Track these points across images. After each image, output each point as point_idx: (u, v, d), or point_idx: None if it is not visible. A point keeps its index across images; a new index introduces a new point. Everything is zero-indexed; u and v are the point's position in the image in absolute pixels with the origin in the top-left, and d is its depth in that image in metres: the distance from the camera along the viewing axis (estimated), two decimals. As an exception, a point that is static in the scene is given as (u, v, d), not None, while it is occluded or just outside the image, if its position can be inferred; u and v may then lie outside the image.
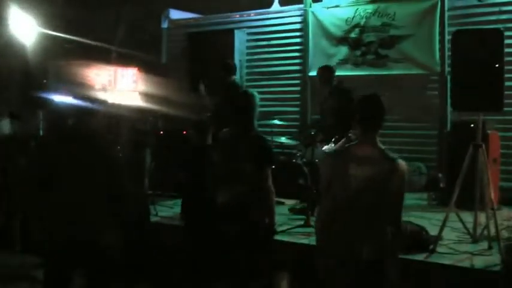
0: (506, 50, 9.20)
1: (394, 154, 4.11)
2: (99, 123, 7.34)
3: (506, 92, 8.57)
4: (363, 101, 4.31)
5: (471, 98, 6.49)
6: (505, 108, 9.01)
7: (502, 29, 6.71)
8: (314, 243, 4.60)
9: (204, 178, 5.78)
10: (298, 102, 12.28)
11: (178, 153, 9.16)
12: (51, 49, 12.43)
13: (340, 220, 4.06)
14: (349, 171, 4.04)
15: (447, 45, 10.23)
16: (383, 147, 4.17)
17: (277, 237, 6.98)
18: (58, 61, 12.90)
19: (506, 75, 8.53)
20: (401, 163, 4.05)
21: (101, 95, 11.68)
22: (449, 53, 8.25)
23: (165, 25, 14.36)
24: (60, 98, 11.11)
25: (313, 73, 11.90)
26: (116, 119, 7.77)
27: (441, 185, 9.29)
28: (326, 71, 9.17)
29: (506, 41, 9.39)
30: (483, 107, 6.55)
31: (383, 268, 4.00)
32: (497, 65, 6.32)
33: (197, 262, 5.73)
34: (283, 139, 10.33)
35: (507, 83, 8.58)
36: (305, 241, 6.94)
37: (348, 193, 4.02)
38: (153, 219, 8.21)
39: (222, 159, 5.41)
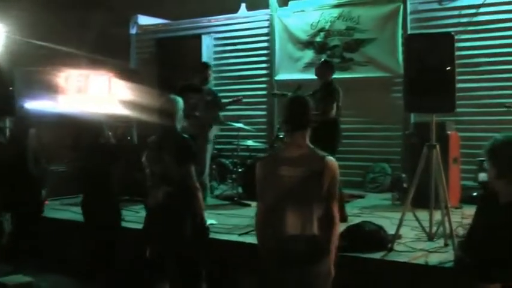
0: (465, 52, 9.59)
1: (323, 152, 4.24)
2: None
3: (464, 94, 8.90)
4: (288, 103, 4.41)
5: (424, 100, 6.63)
6: (464, 109, 9.40)
7: (453, 33, 6.84)
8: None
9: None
10: (264, 106, 12.43)
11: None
12: (19, 55, 12.43)
13: (274, 219, 4.19)
14: (279, 172, 4.15)
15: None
16: (311, 146, 4.30)
17: (239, 238, 7.15)
18: (26, 67, 12.90)
19: (463, 77, 8.87)
20: (331, 160, 4.17)
21: (70, 102, 11.78)
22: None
23: (133, 31, 14.46)
24: (29, 105, 11.15)
25: (279, 77, 12.09)
26: (85, 127, 7.80)
27: (404, 185, 9.43)
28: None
29: (466, 44, 9.77)
30: (436, 108, 6.70)
31: (318, 263, 4.14)
32: (448, 68, 6.45)
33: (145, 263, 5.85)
34: (249, 142, 10.46)
35: (464, 85, 8.92)
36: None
37: (279, 193, 4.15)
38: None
39: (150, 163, 5.60)
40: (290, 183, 4.11)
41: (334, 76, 8.59)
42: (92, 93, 11.83)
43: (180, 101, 5.77)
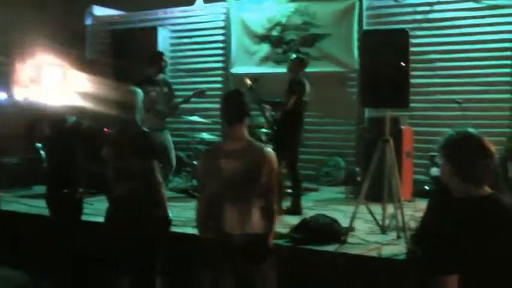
0: (420, 48, 9.74)
1: (261, 143, 4.33)
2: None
3: (417, 89, 9.04)
4: (223, 98, 4.57)
5: (378, 95, 6.72)
6: (418, 105, 9.55)
7: (407, 29, 6.94)
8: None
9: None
10: (220, 99, 12.35)
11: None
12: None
13: (215, 213, 4.25)
14: (219, 165, 4.24)
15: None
16: (250, 138, 4.40)
17: (194, 231, 7.15)
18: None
19: (417, 73, 9.02)
20: (269, 151, 4.31)
21: (24, 92, 11.65)
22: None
23: (88, 22, 14.30)
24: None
25: (235, 70, 12.10)
26: (37, 118, 7.70)
27: (358, 178, 9.54)
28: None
29: (420, 40, 9.92)
30: (390, 103, 6.79)
31: (257, 252, 4.22)
32: (403, 64, 6.54)
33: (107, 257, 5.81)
34: (204, 135, 10.46)
35: (418, 80, 9.07)
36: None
37: (219, 186, 4.22)
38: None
39: (110, 156, 5.56)
40: (229, 176, 4.20)
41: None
42: (46, 83, 11.72)
43: (140, 92, 5.71)
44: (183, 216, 7.83)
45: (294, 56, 9.12)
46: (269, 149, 4.32)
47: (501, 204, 3.07)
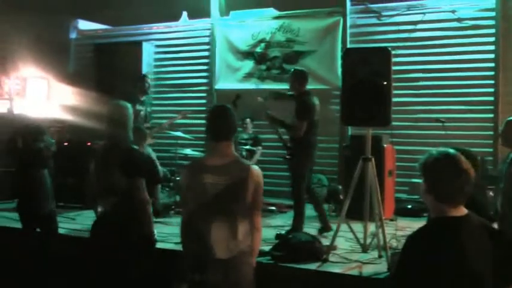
0: (402, 67, 9.79)
1: (247, 161, 4.31)
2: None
3: (400, 108, 9.07)
4: (212, 112, 4.44)
5: (360, 113, 6.71)
6: (400, 123, 9.58)
7: (389, 48, 6.95)
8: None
9: None
10: (204, 115, 12.30)
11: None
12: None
13: (199, 229, 4.22)
14: (202, 180, 4.18)
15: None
16: (237, 154, 4.37)
17: (175, 247, 7.12)
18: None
19: (399, 92, 9.04)
20: (255, 168, 4.25)
21: (6, 105, 11.59)
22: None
23: (73, 35, 14.28)
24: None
25: (219, 86, 12.12)
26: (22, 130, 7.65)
27: (341, 196, 9.53)
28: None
29: (402, 59, 9.98)
30: (371, 121, 6.78)
31: (239, 268, 4.19)
32: (385, 83, 6.55)
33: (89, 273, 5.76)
34: (188, 151, 10.44)
35: (400, 99, 9.09)
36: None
37: (202, 201, 4.18)
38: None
39: (96, 171, 5.50)
40: (214, 191, 4.16)
41: (274, 86, 8.57)
42: (29, 96, 11.68)
43: (130, 108, 5.67)
44: (164, 231, 7.81)
45: (291, 69, 8.72)
46: (255, 166, 4.27)
47: (473, 226, 3.10)
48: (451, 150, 3.18)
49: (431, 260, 2.95)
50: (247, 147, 10.21)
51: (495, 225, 5.34)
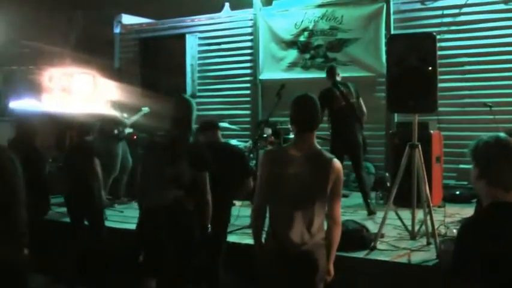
0: (447, 52, 9.66)
1: (330, 154, 4.27)
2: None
3: (446, 93, 8.96)
4: (296, 102, 4.35)
5: (406, 100, 6.65)
6: (447, 109, 9.46)
7: (434, 33, 6.87)
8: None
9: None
10: (248, 105, 12.46)
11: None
12: (2, 54, 12.39)
13: (276, 218, 4.22)
14: (284, 170, 4.16)
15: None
16: (319, 147, 4.31)
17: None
18: (9, 66, 12.86)
19: (445, 77, 8.93)
20: (336, 162, 4.19)
21: (54, 101, 11.75)
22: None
23: (117, 30, 14.41)
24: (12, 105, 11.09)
25: (263, 76, 12.12)
26: (70, 126, 7.77)
27: (388, 184, 9.47)
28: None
29: (448, 44, 9.84)
30: (417, 108, 6.73)
31: (315, 259, 4.16)
32: (430, 68, 6.48)
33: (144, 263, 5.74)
34: (233, 142, 10.46)
35: (446, 84, 8.98)
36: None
37: (281, 190, 4.16)
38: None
39: (157, 162, 5.44)
40: (294, 182, 4.13)
41: (319, 75, 8.60)
42: (76, 92, 11.81)
43: (194, 102, 5.64)
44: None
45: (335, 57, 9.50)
46: (336, 160, 4.22)
47: None
48: (502, 134, 3.12)
49: (492, 248, 2.88)
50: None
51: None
